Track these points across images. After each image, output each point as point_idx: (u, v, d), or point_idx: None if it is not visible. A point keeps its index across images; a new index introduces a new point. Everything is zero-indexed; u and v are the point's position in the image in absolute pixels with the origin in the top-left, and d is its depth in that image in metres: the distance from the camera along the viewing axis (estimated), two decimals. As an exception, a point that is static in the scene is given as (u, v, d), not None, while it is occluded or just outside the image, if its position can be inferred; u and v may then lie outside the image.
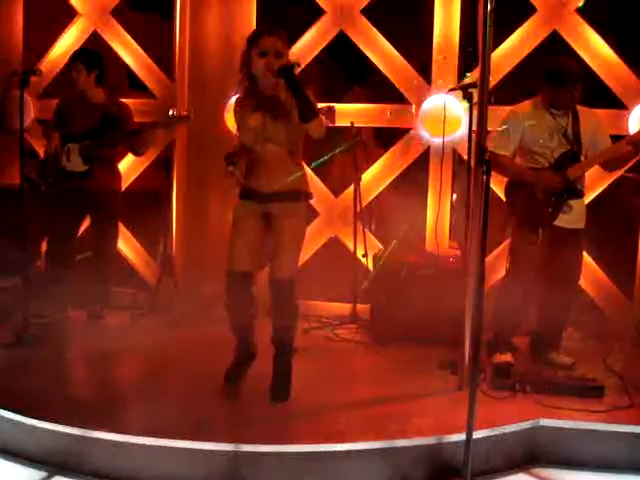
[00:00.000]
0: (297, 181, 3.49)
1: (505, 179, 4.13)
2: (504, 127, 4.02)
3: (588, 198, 4.54)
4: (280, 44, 3.36)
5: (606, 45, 4.69)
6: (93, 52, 4.82)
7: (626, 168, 4.46)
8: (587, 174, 4.14)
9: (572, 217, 4.01)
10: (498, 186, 4.27)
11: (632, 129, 4.59)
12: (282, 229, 3.45)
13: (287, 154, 3.46)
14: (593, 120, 4.06)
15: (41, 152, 5.37)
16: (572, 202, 3.99)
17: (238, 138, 3.56)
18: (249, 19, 5.08)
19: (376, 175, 5.15)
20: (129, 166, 5.33)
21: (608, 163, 4.05)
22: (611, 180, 4.74)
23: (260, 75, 3.38)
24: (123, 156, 5.09)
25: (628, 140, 3.94)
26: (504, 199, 4.19)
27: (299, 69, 3.29)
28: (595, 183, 4.67)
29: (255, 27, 3.45)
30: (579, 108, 4.03)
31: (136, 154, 4.83)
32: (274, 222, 3.48)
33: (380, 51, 5.01)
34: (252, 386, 3.59)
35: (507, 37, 4.80)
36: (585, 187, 4.14)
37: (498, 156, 3.92)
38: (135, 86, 5.67)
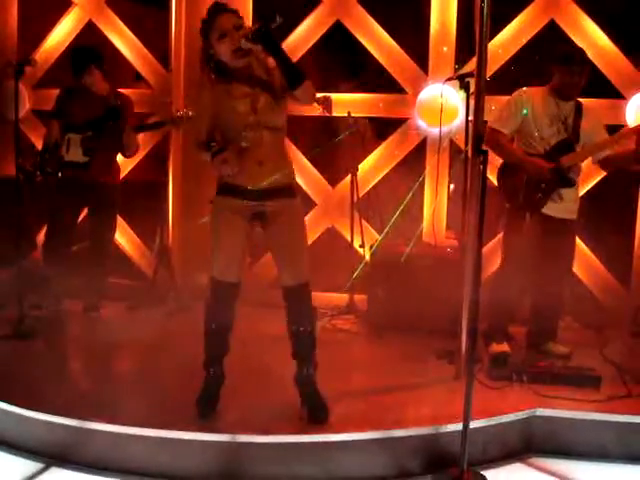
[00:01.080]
0: (287, 173, 3.16)
1: (498, 164, 4.12)
2: (507, 105, 4.00)
3: (584, 189, 4.53)
4: (236, 19, 3.05)
5: (604, 34, 4.68)
6: (97, 50, 4.78)
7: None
8: (583, 165, 4.13)
9: (563, 207, 4.00)
10: (494, 175, 4.25)
11: (629, 119, 4.58)
12: (284, 230, 3.16)
13: (279, 142, 3.15)
14: (595, 117, 4.05)
15: (37, 143, 5.35)
16: (563, 191, 3.98)
17: (203, 125, 3.12)
18: (245, 8, 5.05)
19: (373, 165, 5.14)
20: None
21: (607, 162, 4.02)
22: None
23: (227, 58, 3.04)
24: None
25: (634, 129, 3.90)
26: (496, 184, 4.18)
27: (276, 24, 2.88)
28: (592, 173, 4.66)
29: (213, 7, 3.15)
30: (584, 104, 4.02)
31: (125, 155, 4.78)
32: (271, 222, 3.16)
33: (377, 41, 4.99)
34: (249, 377, 3.59)
35: (505, 26, 4.78)
36: (580, 178, 4.12)
37: (495, 133, 3.92)
38: (141, 77, 5.63)
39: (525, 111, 3.95)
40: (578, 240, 4.65)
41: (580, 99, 4.04)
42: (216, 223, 3.17)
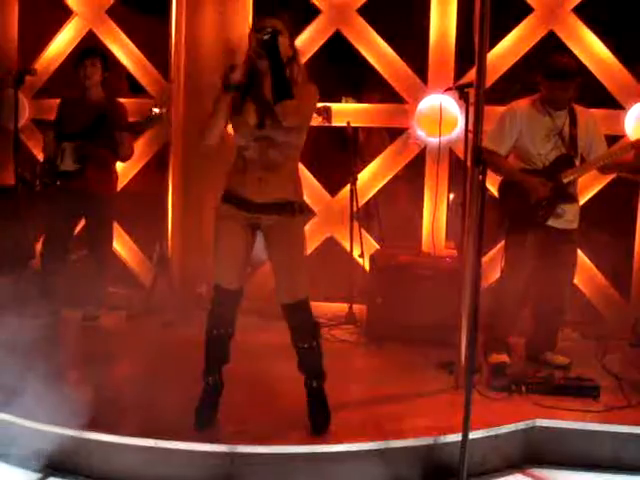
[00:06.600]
0: (291, 191, 3.14)
1: (499, 178, 4.11)
2: (500, 124, 3.97)
3: (584, 198, 4.53)
4: (278, 23, 2.99)
5: (603, 45, 4.69)
6: (104, 53, 4.82)
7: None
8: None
9: (565, 219, 3.98)
10: (494, 186, 4.25)
11: (628, 129, 4.58)
12: (281, 246, 3.14)
13: (284, 158, 3.09)
14: (590, 122, 4.01)
15: (37, 152, 5.37)
16: (565, 206, 3.97)
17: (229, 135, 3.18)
18: (245, 18, 5.07)
19: (372, 175, 5.14)
20: (125, 167, 5.30)
21: (606, 167, 4.01)
22: (607, 180, 4.72)
23: (253, 55, 3.01)
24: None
25: (635, 143, 3.88)
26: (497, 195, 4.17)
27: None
28: (591, 183, 4.67)
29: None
30: (577, 109, 3.98)
31: (119, 159, 4.78)
32: (267, 236, 3.16)
33: (376, 51, 5.01)
34: (247, 387, 3.58)
35: (504, 37, 4.79)
36: (579, 190, 4.10)
37: (491, 154, 3.88)
38: (136, 89, 5.64)
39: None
40: (578, 250, 4.65)
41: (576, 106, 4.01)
42: (217, 230, 3.17)
